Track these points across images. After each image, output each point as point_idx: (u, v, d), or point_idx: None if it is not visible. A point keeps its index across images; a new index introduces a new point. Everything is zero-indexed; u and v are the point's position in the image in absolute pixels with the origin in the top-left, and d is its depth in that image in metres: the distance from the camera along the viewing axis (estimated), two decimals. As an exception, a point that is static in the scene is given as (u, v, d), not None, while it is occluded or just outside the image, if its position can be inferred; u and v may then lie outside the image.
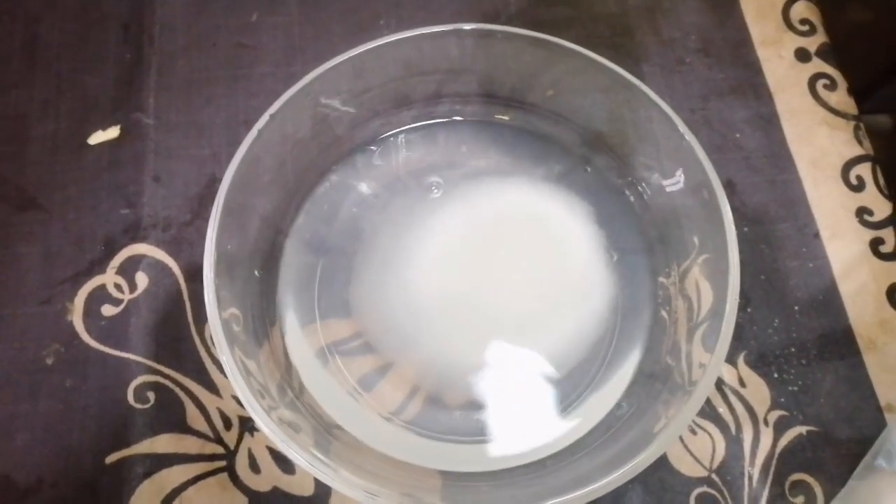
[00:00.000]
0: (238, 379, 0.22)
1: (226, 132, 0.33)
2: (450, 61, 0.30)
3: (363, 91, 0.30)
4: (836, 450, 0.28)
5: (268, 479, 0.27)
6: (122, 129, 0.33)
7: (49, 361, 0.29)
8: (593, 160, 0.31)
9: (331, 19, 0.36)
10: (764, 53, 0.36)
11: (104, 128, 0.33)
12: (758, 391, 0.29)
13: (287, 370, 0.27)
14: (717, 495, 0.27)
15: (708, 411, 0.29)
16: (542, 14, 0.36)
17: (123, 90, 0.34)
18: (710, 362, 0.23)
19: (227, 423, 0.28)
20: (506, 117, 0.32)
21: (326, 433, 0.26)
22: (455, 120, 0.32)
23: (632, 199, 0.30)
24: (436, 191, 0.30)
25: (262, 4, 0.36)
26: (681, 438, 0.28)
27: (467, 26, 0.28)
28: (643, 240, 0.29)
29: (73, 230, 0.31)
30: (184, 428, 0.27)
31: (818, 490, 0.27)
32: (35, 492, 0.27)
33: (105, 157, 0.32)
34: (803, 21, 0.36)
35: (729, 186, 0.33)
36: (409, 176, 0.30)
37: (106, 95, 0.34)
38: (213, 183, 0.32)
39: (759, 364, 0.29)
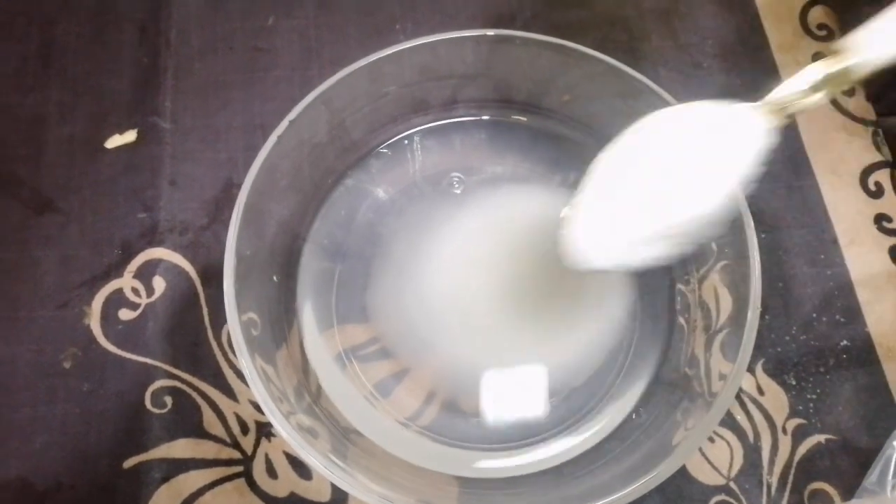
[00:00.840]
0: (258, 384, 0.22)
1: (242, 136, 0.33)
2: (466, 66, 0.30)
3: (380, 96, 0.30)
4: (855, 458, 0.28)
5: (285, 484, 0.27)
6: (138, 132, 0.33)
7: (66, 365, 0.29)
8: (610, 166, 0.31)
9: (346, 22, 0.36)
10: (781, 58, 0.35)
11: (121, 131, 0.33)
12: (776, 399, 0.29)
13: (304, 375, 0.27)
14: (735, 504, 0.27)
15: (726, 419, 0.28)
16: (558, 18, 0.36)
17: (140, 94, 0.34)
18: (731, 374, 0.22)
19: (244, 428, 0.28)
20: (522, 121, 0.32)
21: (343, 438, 0.26)
22: (471, 125, 0.32)
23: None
24: (453, 194, 0.30)
25: (278, 8, 0.36)
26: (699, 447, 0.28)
27: (483, 32, 0.28)
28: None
29: (90, 234, 0.31)
30: (201, 433, 0.28)
31: (837, 499, 0.27)
32: (53, 495, 0.27)
33: (122, 160, 0.32)
34: (821, 26, 0.36)
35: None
36: (426, 181, 0.30)
37: (122, 99, 0.34)
38: (230, 187, 0.32)
39: (778, 372, 0.29)
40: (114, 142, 0.33)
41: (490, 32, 0.28)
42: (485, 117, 0.32)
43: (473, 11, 0.36)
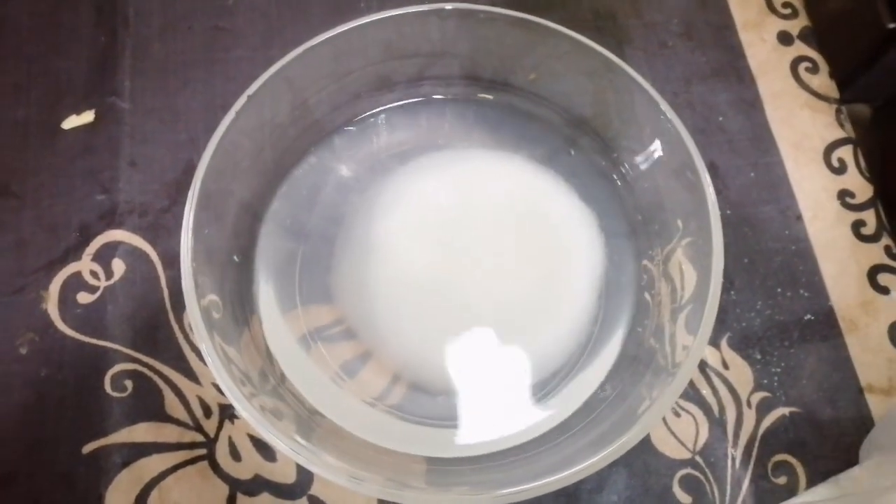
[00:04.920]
0: (218, 366, 0.22)
1: (203, 116, 0.32)
2: (431, 43, 0.29)
3: (344, 74, 0.29)
4: (818, 431, 0.28)
5: (249, 466, 0.27)
6: (96, 113, 0.32)
7: (23, 351, 0.28)
8: (577, 143, 0.31)
9: (309, 1, 0.35)
10: (746, 36, 0.36)
11: (78, 112, 0.32)
12: (741, 373, 0.29)
13: (268, 357, 0.27)
14: (701, 477, 0.27)
15: (691, 394, 0.29)
16: (524, -4, 0.36)
17: (98, 73, 0.33)
18: (694, 344, 0.23)
19: (207, 411, 0.27)
20: (489, 98, 0.31)
21: (309, 419, 0.25)
22: (437, 101, 0.31)
23: (616, 181, 0.30)
24: (418, 172, 0.30)
25: (239, -14, 0.35)
26: (665, 421, 0.28)
27: (447, 5, 0.28)
28: (627, 223, 0.29)
29: (46, 217, 0.30)
30: (162, 416, 0.27)
31: (800, 471, 0.28)
32: (10, 483, 0.26)
33: (79, 142, 0.32)
34: (785, 4, 0.36)
35: (712, 169, 0.33)
36: (391, 159, 0.30)
37: (79, 79, 0.33)
38: (191, 168, 0.31)
39: (743, 346, 0.29)
40: (70, 123, 0.32)
41: (450, 6, 0.27)
42: (451, 94, 0.31)
43: (439, -11, 0.36)
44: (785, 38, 0.35)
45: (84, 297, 0.29)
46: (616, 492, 0.27)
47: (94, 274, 0.29)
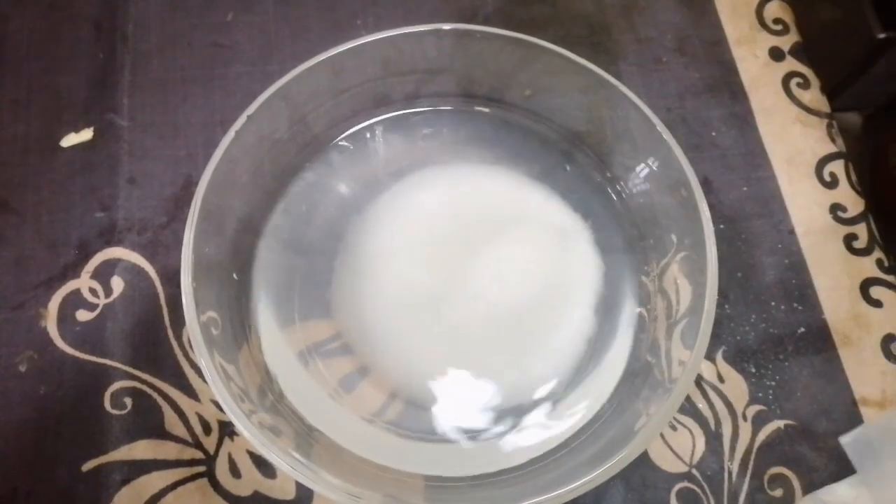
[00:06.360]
0: (218, 383, 0.22)
1: (202, 133, 0.33)
2: (428, 61, 0.30)
3: (341, 91, 0.29)
4: (813, 443, 0.28)
5: (249, 483, 0.27)
6: (95, 130, 0.32)
7: (22, 368, 0.28)
8: (573, 159, 0.31)
9: (307, 18, 0.35)
10: (739, 52, 0.36)
11: (77, 129, 0.32)
12: (736, 386, 0.29)
13: (267, 373, 0.27)
14: (698, 490, 0.28)
15: (687, 407, 0.29)
16: (520, 13, 0.36)
17: (96, 90, 0.33)
18: (689, 361, 0.23)
19: (207, 428, 0.27)
20: (485, 114, 0.32)
21: (308, 436, 0.26)
22: (434, 117, 0.31)
23: (612, 197, 0.30)
24: (416, 188, 0.30)
25: (237, 3, 0.35)
26: (661, 435, 0.28)
27: (445, 26, 0.28)
28: (623, 238, 0.30)
29: (46, 234, 0.30)
30: (162, 433, 0.27)
31: (796, 483, 0.28)
32: (8, 501, 0.26)
33: (78, 159, 0.32)
34: (776, 20, 0.37)
35: (705, 184, 0.33)
36: (388, 175, 0.30)
37: (78, 96, 0.33)
38: (190, 184, 0.32)
39: (737, 360, 0.30)
40: (69, 140, 0.32)
41: (448, 26, 0.28)
42: (447, 111, 0.32)
43: (435, 6, 0.36)
44: (776, 54, 0.36)
45: (83, 315, 0.29)
46: (613, 506, 0.27)
47: (93, 291, 0.29)
